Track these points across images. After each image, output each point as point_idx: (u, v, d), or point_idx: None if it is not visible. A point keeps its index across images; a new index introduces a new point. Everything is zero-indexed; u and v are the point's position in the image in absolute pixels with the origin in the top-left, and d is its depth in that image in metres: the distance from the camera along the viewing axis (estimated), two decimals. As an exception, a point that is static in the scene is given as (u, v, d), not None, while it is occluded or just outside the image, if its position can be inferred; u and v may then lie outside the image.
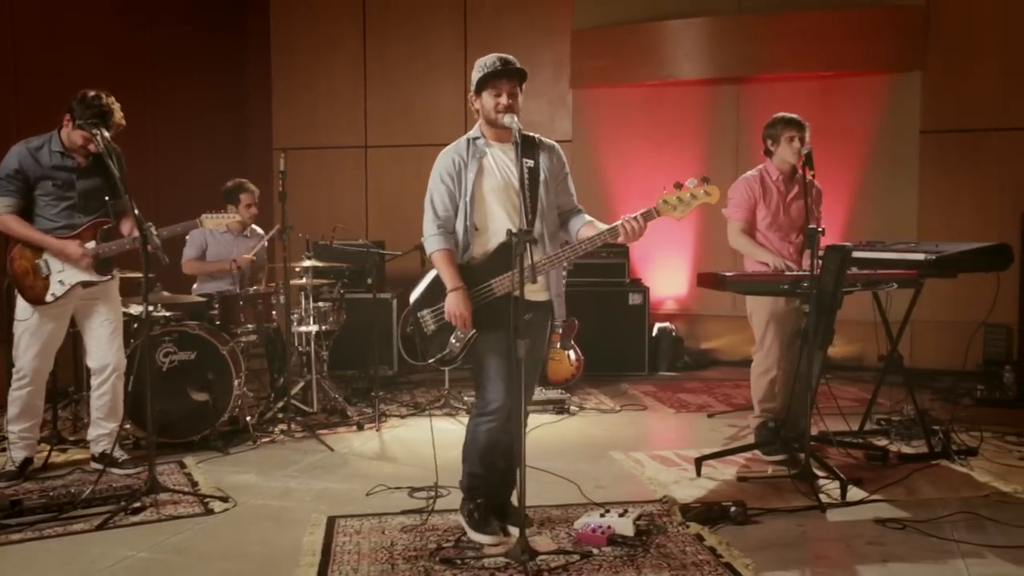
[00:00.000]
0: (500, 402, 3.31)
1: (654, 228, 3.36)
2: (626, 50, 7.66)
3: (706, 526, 3.54)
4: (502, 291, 3.26)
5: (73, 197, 4.01)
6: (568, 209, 3.50)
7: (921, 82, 7.10)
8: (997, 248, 4.36)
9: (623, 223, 3.27)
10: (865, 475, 4.25)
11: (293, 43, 8.55)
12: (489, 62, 3.33)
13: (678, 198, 3.30)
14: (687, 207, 3.30)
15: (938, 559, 3.23)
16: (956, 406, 5.90)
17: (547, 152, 3.44)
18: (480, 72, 3.32)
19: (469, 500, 3.45)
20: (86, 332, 4.20)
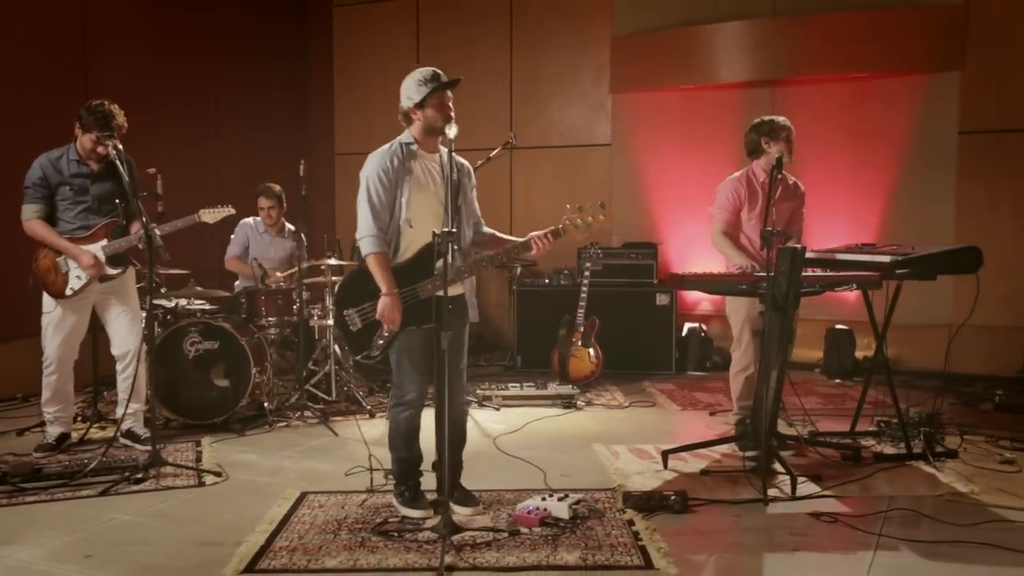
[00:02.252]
0: (415, 393, 3.63)
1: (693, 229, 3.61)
2: (663, 55, 7.80)
3: (642, 513, 3.74)
4: (426, 295, 3.54)
5: (88, 200, 4.54)
6: (476, 222, 3.78)
7: (959, 82, 6.98)
8: (966, 250, 4.38)
9: (534, 239, 3.55)
10: (830, 473, 4.35)
11: (354, 58, 9.10)
12: (430, 75, 3.63)
13: (581, 220, 3.59)
14: (588, 228, 3.58)
15: (849, 550, 3.34)
16: (973, 410, 5.86)
17: (464, 169, 3.75)
18: (425, 86, 3.61)
19: (400, 483, 3.75)
20: (107, 323, 4.73)
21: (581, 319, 6.70)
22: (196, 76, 7.65)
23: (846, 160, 7.39)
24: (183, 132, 7.38)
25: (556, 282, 7.46)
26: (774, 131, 4.68)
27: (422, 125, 3.63)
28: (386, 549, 3.34)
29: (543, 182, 8.52)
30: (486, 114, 8.55)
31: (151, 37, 7.19)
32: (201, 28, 7.72)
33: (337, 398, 5.88)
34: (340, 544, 3.38)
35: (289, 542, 3.39)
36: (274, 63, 8.68)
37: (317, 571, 3.14)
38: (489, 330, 8.52)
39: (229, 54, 8.00)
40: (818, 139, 7.47)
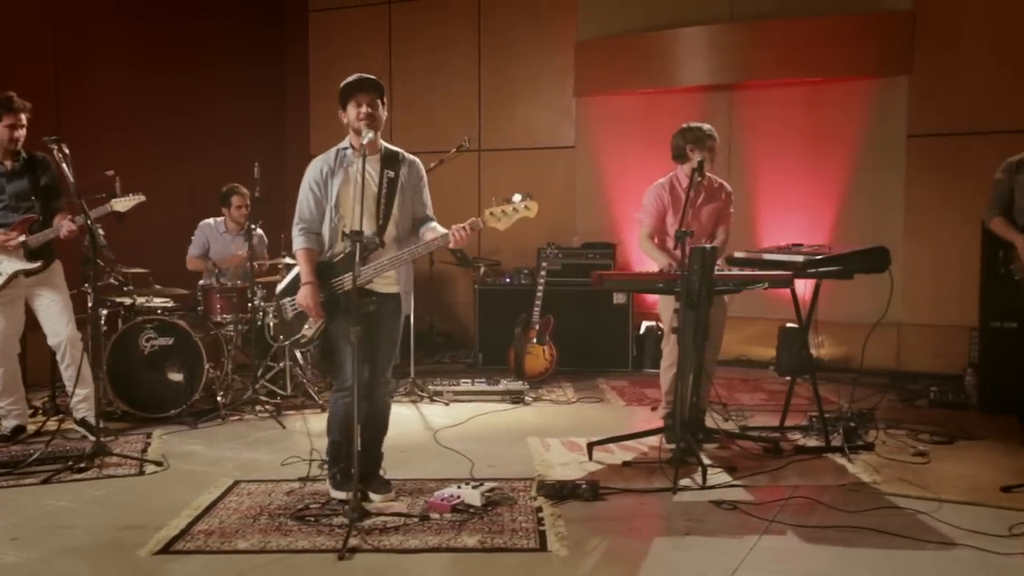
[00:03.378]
0: (349, 383, 3.79)
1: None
2: (625, 59, 7.99)
3: (553, 501, 3.93)
4: (350, 285, 3.74)
5: (5, 199, 4.76)
6: (421, 217, 3.96)
7: (908, 87, 7.14)
8: (876, 251, 4.56)
9: (453, 231, 3.73)
10: (748, 464, 4.53)
11: (329, 63, 9.28)
12: (350, 79, 3.82)
13: (502, 211, 3.74)
14: (509, 219, 3.74)
15: (736, 535, 3.53)
16: (910, 407, 6.03)
17: (407, 166, 3.91)
18: (342, 87, 3.81)
19: (333, 465, 3.95)
20: (39, 315, 4.92)
21: (537, 317, 6.90)
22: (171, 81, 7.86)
23: (801, 162, 7.56)
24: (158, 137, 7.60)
25: (517, 281, 7.65)
26: (700, 139, 4.85)
27: (348, 125, 3.81)
28: (299, 533, 3.54)
29: (510, 183, 8.62)
30: (456, 116, 8.75)
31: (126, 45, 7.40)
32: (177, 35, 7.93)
33: (293, 393, 6.08)
34: (257, 528, 3.58)
35: (209, 526, 3.60)
36: (251, 68, 8.90)
37: (227, 552, 3.34)
38: (458, 328, 8.73)
39: (205, 59, 8.21)
40: (774, 142, 7.67)
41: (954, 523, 3.63)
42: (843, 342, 7.49)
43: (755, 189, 7.70)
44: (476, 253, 8.53)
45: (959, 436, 5.07)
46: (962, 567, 3.23)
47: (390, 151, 3.87)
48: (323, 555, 3.31)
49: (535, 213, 3.78)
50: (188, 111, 8.06)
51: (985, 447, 4.88)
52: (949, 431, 5.14)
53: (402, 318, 3.99)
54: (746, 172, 7.75)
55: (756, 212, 7.72)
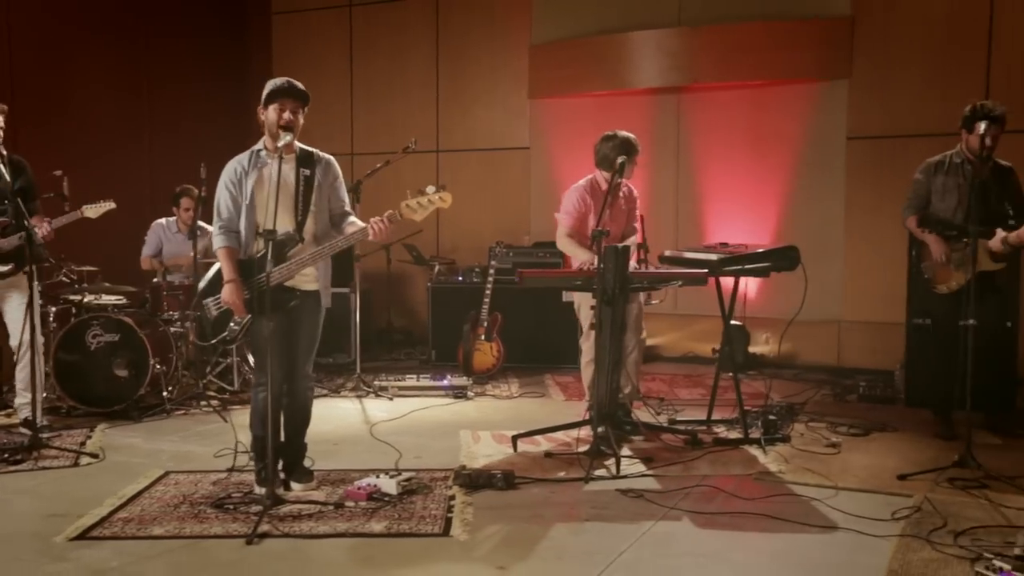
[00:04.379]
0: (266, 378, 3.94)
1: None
2: (578, 62, 8.16)
3: (468, 490, 4.10)
4: (273, 281, 3.89)
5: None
6: (339, 213, 4.11)
7: (848, 90, 7.33)
8: (786, 249, 4.73)
9: (372, 224, 3.89)
10: (666, 455, 4.71)
11: (292, 64, 9.40)
12: (280, 81, 3.97)
13: (417, 202, 3.91)
14: (425, 210, 3.91)
15: (634, 520, 3.70)
16: (840, 401, 6.21)
17: (323, 165, 4.07)
18: (270, 88, 3.97)
19: (258, 460, 4.09)
20: (5, 316, 5.08)
21: (485, 315, 7.06)
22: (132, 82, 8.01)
23: (747, 162, 7.74)
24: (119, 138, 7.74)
25: (469, 279, 7.80)
26: (623, 148, 5.01)
27: (266, 125, 3.95)
28: (214, 520, 3.69)
29: (467, 183, 8.85)
30: (415, 118, 8.92)
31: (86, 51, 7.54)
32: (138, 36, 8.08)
33: (241, 388, 6.23)
34: (176, 515, 3.74)
35: (129, 514, 3.75)
36: (214, 69, 9.04)
37: (141, 538, 3.49)
38: (416, 326, 8.88)
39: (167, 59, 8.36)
40: (721, 142, 7.85)
41: (844, 509, 3.80)
42: (787, 339, 7.66)
43: (703, 188, 7.89)
44: (434, 252, 8.71)
45: (875, 428, 5.25)
46: (836, 548, 3.41)
47: (305, 151, 4.03)
48: (233, 540, 3.46)
49: (449, 203, 3.96)
50: (149, 112, 8.20)
51: (897, 439, 5.06)
52: (867, 424, 5.31)
53: (322, 313, 4.14)
54: (694, 172, 7.94)
55: (704, 210, 7.91)
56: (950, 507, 3.80)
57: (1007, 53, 6.74)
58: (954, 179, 4.88)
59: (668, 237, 7.71)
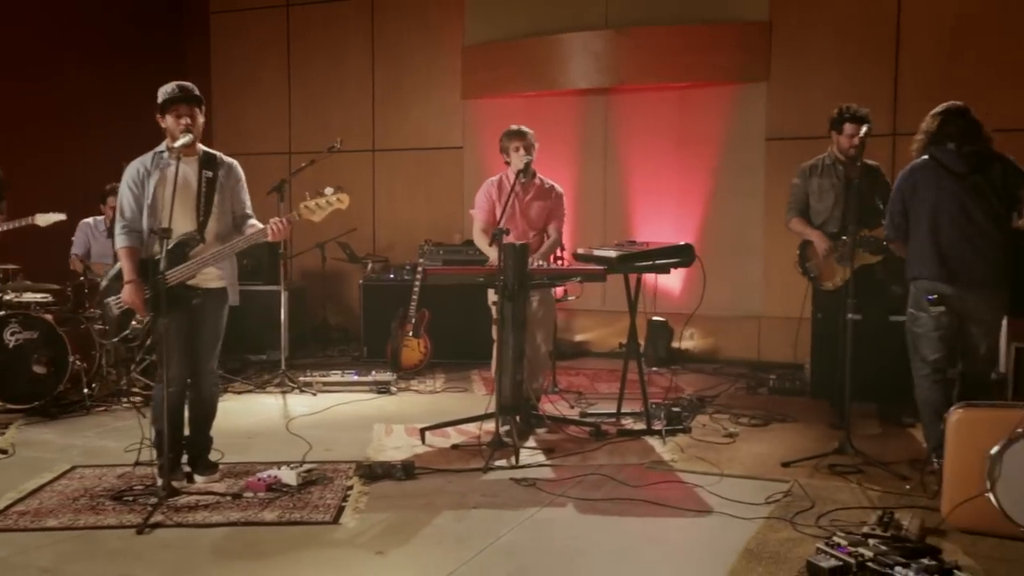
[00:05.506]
0: (174, 371, 4.05)
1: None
2: (509, 64, 8.31)
3: (367, 480, 4.23)
4: (175, 280, 3.99)
5: None
6: (240, 215, 4.23)
7: (766, 92, 7.55)
8: (683, 247, 4.92)
9: (271, 224, 4.01)
10: (568, 447, 4.87)
11: (230, 63, 9.55)
12: (170, 89, 4.07)
13: (316, 203, 4.03)
14: (324, 211, 4.03)
15: (520, 507, 3.85)
16: (751, 394, 6.42)
17: (226, 168, 4.18)
18: (163, 96, 4.06)
19: (160, 455, 4.18)
20: None
21: (413, 312, 7.19)
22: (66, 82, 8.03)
23: (672, 162, 7.94)
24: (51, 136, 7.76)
25: (400, 277, 7.92)
26: (505, 144, 5.17)
27: (167, 130, 4.05)
28: (110, 512, 3.79)
29: (403, 182, 9.01)
30: (351, 117, 9.04)
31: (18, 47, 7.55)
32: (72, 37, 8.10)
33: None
34: (72, 508, 3.82)
35: (26, 507, 3.83)
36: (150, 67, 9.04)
37: (33, 530, 3.57)
38: (352, 323, 8.96)
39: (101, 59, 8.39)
40: (647, 143, 8.05)
41: (723, 494, 3.98)
42: (710, 334, 7.90)
43: (630, 187, 8.08)
44: (370, 250, 8.82)
45: (776, 419, 5.46)
46: (704, 531, 3.59)
47: (208, 154, 4.14)
48: (124, 531, 3.56)
49: (347, 204, 4.10)
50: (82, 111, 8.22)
51: (794, 429, 5.27)
52: (768, 415, 5.52)
53: (226, 311, 4.24)
54: (621, 171, 8.13)
55: (631, 208, 8.10)
56: (821, 491, 4.00)
57: (913, 56, 7.01)
58: (829, 180, 5.12)
59: (596, 234, 7.91)
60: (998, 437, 3.34)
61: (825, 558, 2.96)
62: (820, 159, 5.26)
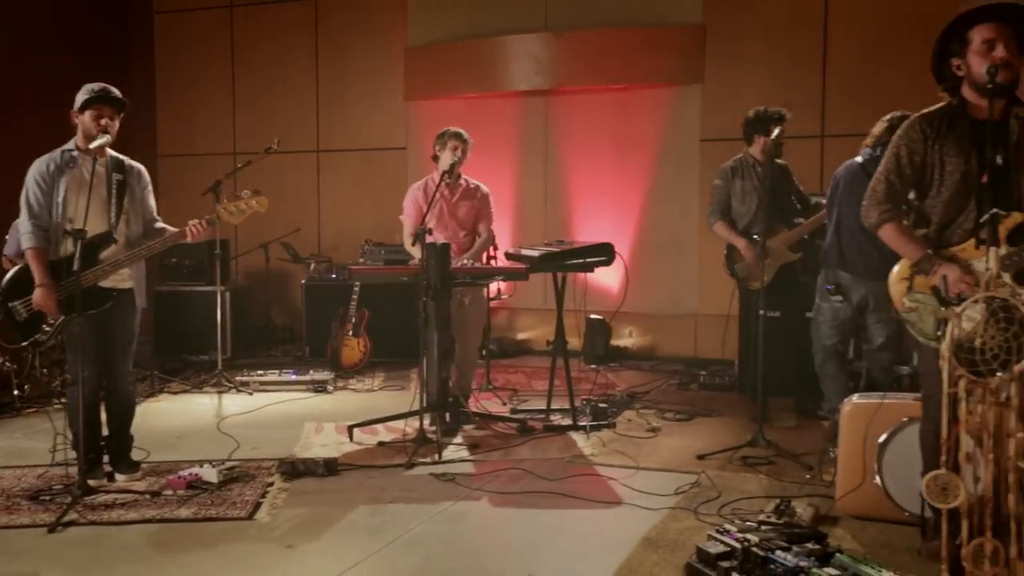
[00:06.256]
0: (87, 374, 4.06)
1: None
2: (451, 65, 8.39)
3: (287, 477, 4.28)
4: (87, 283, 4.01)
5: None
6: (149, 219, 4.27)
7: (701, 94, 7.70)
8: (603, 246, 5.03)
9: (190, 227, 4.05)
10: (492, 442, 4.96)
11: (175, 63, 9.50)
12: (98, 88, 4.09)
13: (235, 206, 4.09)
14: (243, 213, 4.11)
15: (434, 501, 3.93)
16: (682, 390, 6.55)
17: (135, 173, 4.24)
18: (87, 95, 4.08)
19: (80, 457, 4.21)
20: None
21: (352, 311, 7.25)
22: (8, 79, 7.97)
23: (610, 163, 8.07)
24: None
25: (342, 277, 7.97)
26: (440, 142, 5.26)
27: (81, 129, 4.07)
28: (25, 511, 3.81)
29: (347, 182, 9.04)
30: (296, 118, 9.05)
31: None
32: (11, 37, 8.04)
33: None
34: (-13, 507, 3.84)
35: (-60, 507, 3.84)
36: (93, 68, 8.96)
37: (-57, 529, 3.59)
38: (298, 322, 8.98)
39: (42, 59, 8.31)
40: (586, 144, 8.16)
41: (635, 487, 4.09)
42: (648, 331, 8.05)
43: (570, 187, 8.20)
44: (315, 250, 8.85)
45: (700, 414, 5.59)
46: (610, 521, 3.70)
47: (116, 158, 4.18)
48: (37, 529, 3.59)
49: (265, 208, 4.18)
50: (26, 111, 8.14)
51: (716, 423, 5.41)
52: (694, 410, 5.65)
53: (138, 311, 4.28)
54: (561, 171, 8.24)
55: (571, 208, 8.21)
56: (729, 482, 4.13)
57: (840, 62, 7.19)
58: (750, 182, 5.26)
59: (537, 233, 8.01)
60: (886, 427, 3.48)
61: (714, 544, 3.07)
62: (739, 161, 5.41)
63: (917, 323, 3.03)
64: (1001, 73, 2.75)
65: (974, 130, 2.90)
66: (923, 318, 2.93)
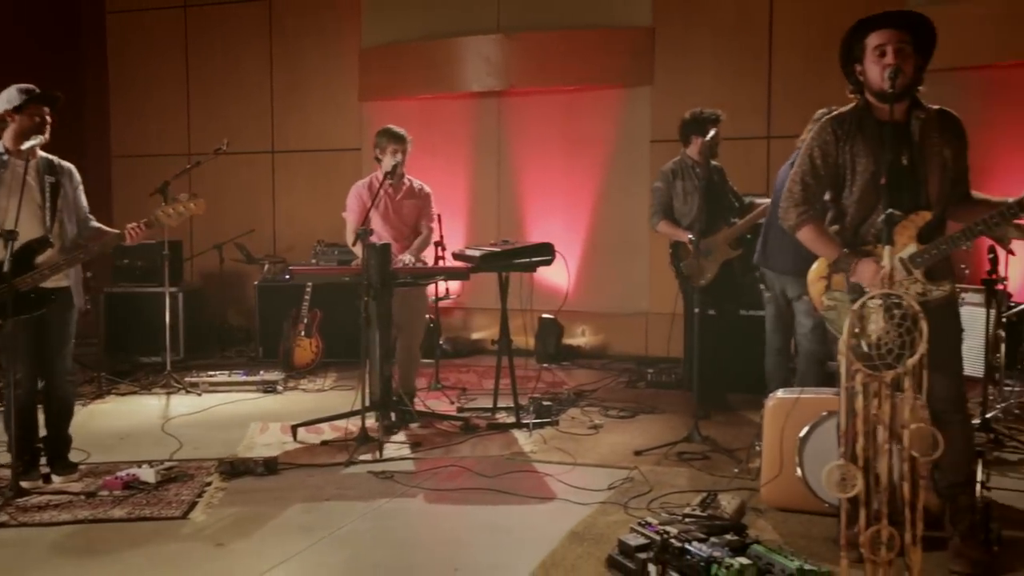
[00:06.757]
0: (22, 376, 4.07)
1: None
2: (405, 66, 8.43)
3: (226, 477, 4.30)
4: (26, 287, 4.01)
5: None
6: (83, 219, 4.28)
7: (651, 96, 7.80)
8: (543, 246, 5.10)
9: (128, 229, 4.07)
10: (435, 441, 5.00)
11: (128, 64, 9.46)
12: (30, 88, 4.09)
13: (173, 209, 4.12)
14: (180, 216, 4.15)
15: (370, 498, 3.97)
16: (630, 388, 6.63)
17: (67, 173, 4.24)
18: (25, 95, 4.07)
19: (17, 458, 4.19)
20: None
21: (305, 311, 7.26)
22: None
23: (562, 164, 8.15)
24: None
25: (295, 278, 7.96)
26: (380, 143, 5.30)
27: (15, 129, 4.06)
28: (-46, 512, 3.80)
29: (302, 183, 9.05)
30: (250, 119, 9.04)
31: None
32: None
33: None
34: (-83, 510, 3.82)
35: None
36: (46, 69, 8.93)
37: None
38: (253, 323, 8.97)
39: None
40: (539, 145, 8.24)
41: (571, 482, 4.16)
42: (600, 330, 8.13)
43: (523, 187, 8.27)
44: (270, 251, 8.84)
45: (644, 411, 5.67)
46: (541, 516, 3.75)
47: (46, 158, 4.18)
48: (-38, 531, 3.59)
49: (203, 210, 4.22)
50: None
51: (659, 419, 5.49)
52: (637, 407, 5.73)
53: (74, 311, 4.28)
54: (515, 172, 8.31)
55: (524, 208, 8.29)
56: (663, 476, 4.21)
57: (785, 65, 7.33)
58: (691, 183, 5.37)
59: (491, 233, 8.05)
60: (808, 421, 3.58)
61: (635, 536, 3.14)
62: (678, 163, 5.51)
63: (836, 321, 3.13)
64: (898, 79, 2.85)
65: (880, 131, 2.99)
66: (841, 316, 3.02)
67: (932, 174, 2.98)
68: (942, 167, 2.98)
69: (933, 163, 2.98)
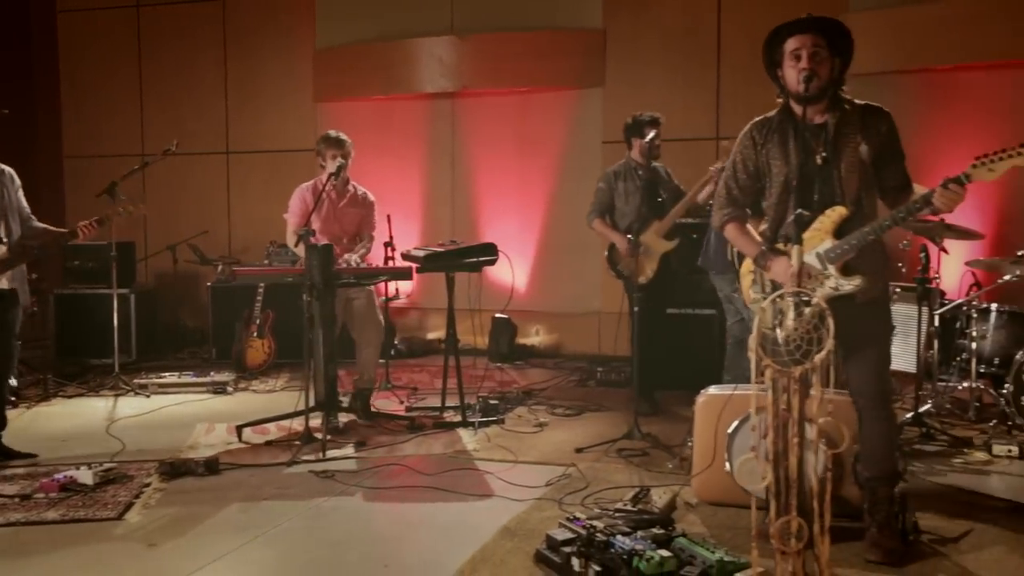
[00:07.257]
0: None
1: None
2: (360, 67, 8.44)
3: (165, 477, 4.30)
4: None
5: None
6: (26, 218, 4.27)
7: (602, 97, 7.87)
8: (484, 246, 5.16)
9: (80, 227, 4.09)
10: (379, 440, 5.03)
11: (80, 63, 9.37)
12: None
13: (123, 209, 4.18)
14: (129, 215, 4.24)
15: (308, 497, 3.99)
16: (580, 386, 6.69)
17: (7, 175, 4.25)
18: None
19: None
20: None
21: (257, 312, 7.25)
22: None
23: (515, 165, 8.20)
24: None
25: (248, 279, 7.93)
26: (320, 149, 5.33)
27: None
28: None
29: (257, 184, 9.01)
30: (204, 118, 9.00)
31: None
32: None
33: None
34: None
35: None
36: None
37: None
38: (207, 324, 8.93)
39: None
40: (492, 146, 8.28)
41: (510, 479, 4.20)
42: (553, 329, 8.20)
43: (477, 188, 8.32)
44: (225, 251, 8.80)
45: (590, 409, 5.74)
46: (477, 512, 3.80)
47: None
48: None
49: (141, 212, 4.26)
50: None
51: (603, 417, 5.55)
52: (583, 405, 5.80)
53: (19, 310, 4.26)
54: (468, 172, 8.36)
55: (478, 208, 8.34)
56: (600, 473, 4.27)
57: (733, 67, 7.43)
58: (633, 183, 5.46)
59: (445, 233, 8.06)
60: (736, 417, 3.65)
61: (563, 531, 3.19)
62: (622, 165, 5.60)
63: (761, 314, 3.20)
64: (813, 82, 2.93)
65: (796, 133, 3.07)
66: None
67: (847, 170, 3.06)
68: (857, 162, 3.07)
69: (847, 159, 3.06)
